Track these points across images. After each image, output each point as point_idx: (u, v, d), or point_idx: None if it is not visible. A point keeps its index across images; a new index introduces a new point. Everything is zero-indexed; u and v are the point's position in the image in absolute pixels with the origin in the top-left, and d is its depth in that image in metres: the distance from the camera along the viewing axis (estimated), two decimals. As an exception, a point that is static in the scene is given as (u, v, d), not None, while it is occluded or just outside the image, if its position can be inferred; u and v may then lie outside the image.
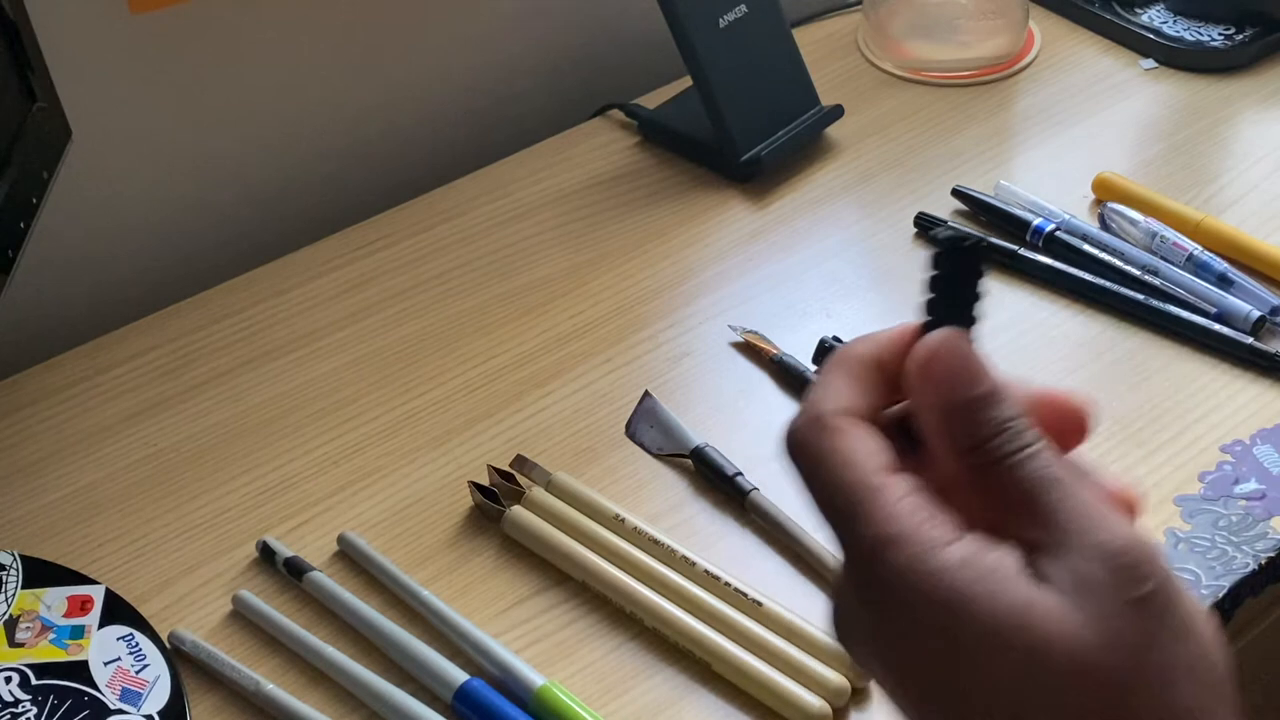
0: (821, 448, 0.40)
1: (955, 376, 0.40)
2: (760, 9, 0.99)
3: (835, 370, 0.42)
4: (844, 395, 0.41)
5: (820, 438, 0.40)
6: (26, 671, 0.68)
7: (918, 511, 0.39)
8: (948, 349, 0.41)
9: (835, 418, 0.41)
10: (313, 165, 1.00)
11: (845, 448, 0.40)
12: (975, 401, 0.40)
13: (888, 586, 0.38)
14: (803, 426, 0.41)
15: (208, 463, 0.80)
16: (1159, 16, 1.10)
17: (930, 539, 0.38)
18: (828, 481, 0.40)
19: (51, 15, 0.83)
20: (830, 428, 0.40)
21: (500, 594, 0.73)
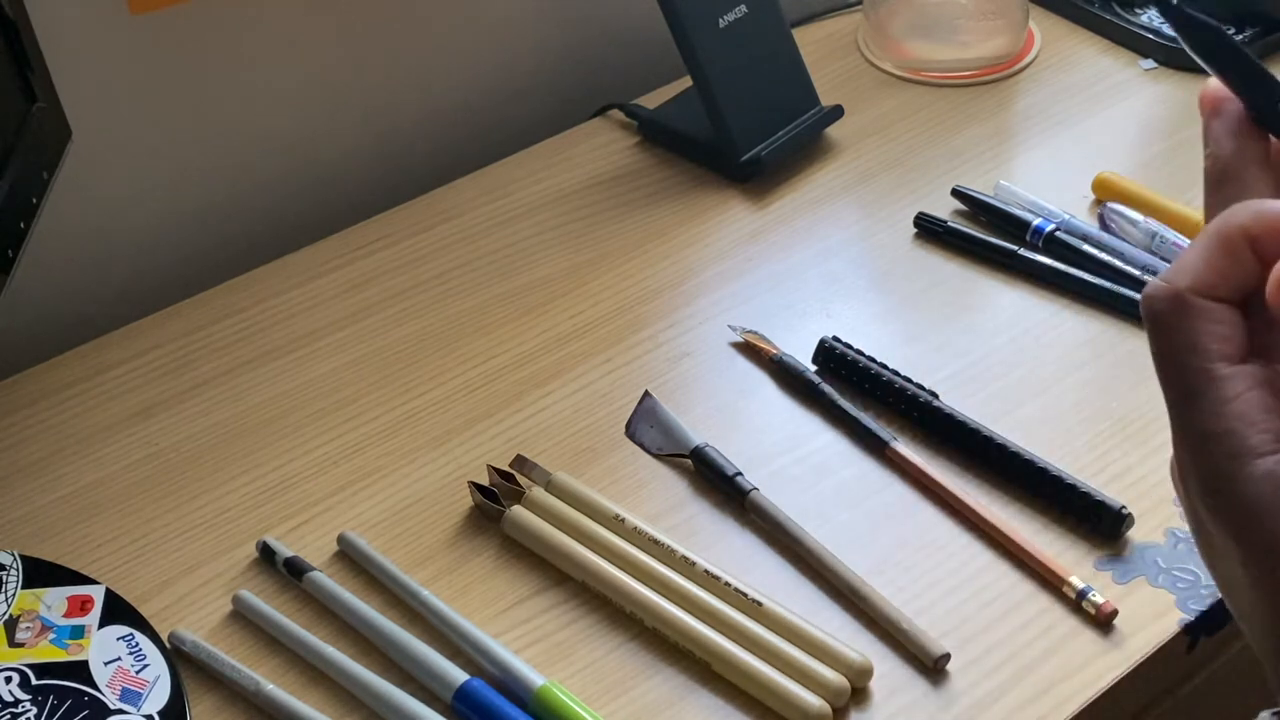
0: (1172, 325, 0.40)
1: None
2: (760, 9, 0.99)
3: (1206, 240, 0.41)
4: (1208, 270, 0.40)
5: (1173, 314, 0.40)
6: (26, 671, 0.68)
7: (1248, 413, 0.39)
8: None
9: (1191, 295, 0.40)
10: (313, 165, 1.00)
11: (1194, 329, 0.40)
12: None
13: (1203, 476, 0.40)
14: (1159, 298, 0.41)
15: (208, 463, 0.80)
16: (1159, 17, 1.10)
17: (1246, 446, 0.39)
18: (1173, 360, 0.41)
19: (51, 15, 0.83)
20: (1184, 305, 0.40)
21: (500, 594, 0.73)
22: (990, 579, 0.73)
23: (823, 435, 0.80)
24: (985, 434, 0.78)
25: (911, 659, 0.69)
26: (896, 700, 0.68)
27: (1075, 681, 0.68)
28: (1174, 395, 0.41)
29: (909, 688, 0.68)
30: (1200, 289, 0.40)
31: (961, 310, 0.88)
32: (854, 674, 0.67)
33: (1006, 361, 0.84)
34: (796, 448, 0.80)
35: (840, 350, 0.83)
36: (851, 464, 0.79)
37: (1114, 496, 0.74)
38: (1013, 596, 0.72)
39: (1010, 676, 0.68)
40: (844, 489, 0.77)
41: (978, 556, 0.74)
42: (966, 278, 0.90)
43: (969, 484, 0.77)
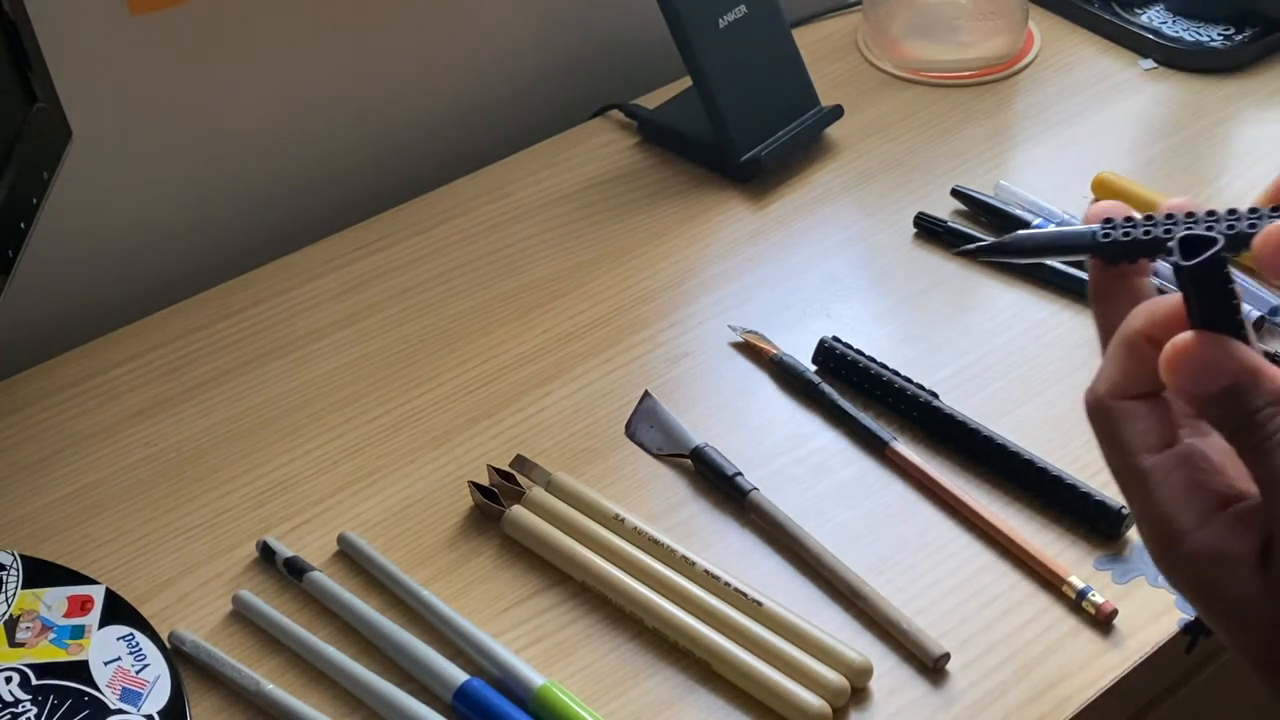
0: (1099, 427, 0.46)
1: (1196, 374, 0.43)
2: (760, 9, 0.99)
3: (1113, 349, 0.46)
4: (1119, 374, 0.45)
5: (1098, 419, 0.46)
6: (27, 671, 0.68)
7: (1172, 499, 0.44)
8: (1188, 350, 0.43)
9: (1109, 400, 0.45)
10: (313, 165, 1.00)
11: (1116, 430, 0.45)
12: (1217, 396, 0.43)
13: (1153, 555, 0.45)
14: (1088, 408, 0.46)
15: (208, 463, 0.80)
16: (1159, 17, 1.10)
17: (1174, 530, 0.44)
18: (1109, 458, 0.46)
19: (51, 15, 0.83)
20: (1105, 410, 0.45)
21: (500, 594, 0.73)
22: (990, 579, 0.73)
23: (823, 435, 0.80)
24: (985, 434, 0.78)
25: (911, 659, 0.69)
26: (896, 700, 0.68)
27: (1075, 681, 0.68)
28: (1120, 488, 0.46)
29: (909, 688, 0.68)
30: (1116, 393, 0.45)
31: (961, 310, 0.88)
32: (854, 674, 0.67)
33: (1006, 361, 0.84)
34: (796, 448, 0.80)
35: (840, 350, 0.83)
36: (851, 464, 0.79)
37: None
38: (1013, 596, 0.72)
39: (1010, 676, 0.68)
40: (844, 489, 0.77)
41: (978, 556, 0.74)
42: (966, 278, 0.90)
43: (969, 484, 0.77)
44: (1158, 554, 0.45)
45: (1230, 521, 0.43)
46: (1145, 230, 0.46)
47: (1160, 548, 0.45)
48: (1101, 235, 0.47)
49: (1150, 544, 0.45)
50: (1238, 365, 0.42)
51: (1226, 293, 0.42)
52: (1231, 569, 0.43)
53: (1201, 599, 0.44)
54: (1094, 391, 0.46)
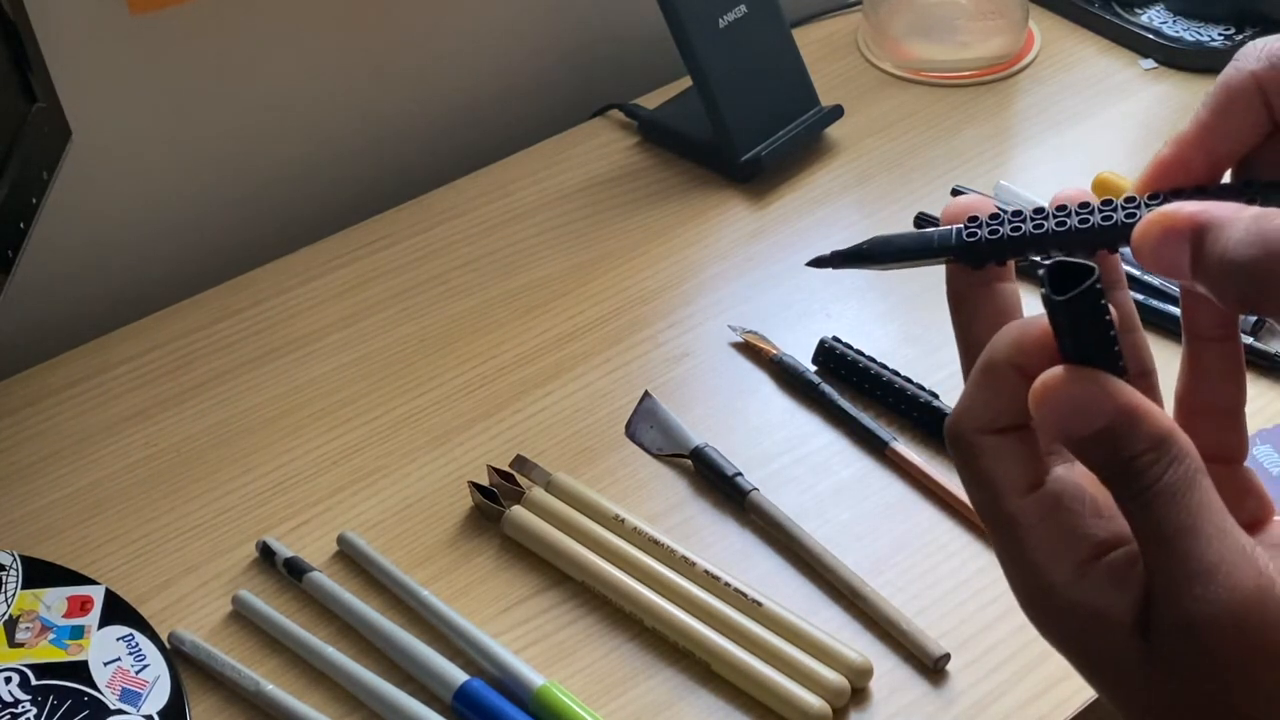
0: (960, 466, 0.41)
1: (1068, 415, 0.38)
2: (760, 9, 0.99)
3: (976, 378, 0.42)
4: (984, 407, 0.41)
5: (960, 454, 0.41)
6: (26, 672, 0.68)
7: (1042, 548, 0.40)
8: (1060, 387, 0.39)
9: (972, 435, 0.41)
10: (313, 165, 1.00)
11: (980, 469, 0.41)
12: (1089, 440, 0.38)
13: (1023, 606, 0.41)
14: (949, 439, 0.42)
15: (208, 463, 0.80)
16: (1159, 16, 1.10)
17: (1044, 583, 0.40)
18: (972, 496, 0.41)
19: (51, 15, 0.83)
20: (967, 445, 0.41)
21: (500, 594, 0.73)
22: (990, 579, 0.73)
23: (823, 435, 0.80)
24: (985, 434, 0.78)
25: (911, 659, 0.69)
26: (896, 700, 0.68)
27: (1075, 681, 0.68)
28: (984, 527, 0.42)
29: (909, 688, 0.68)
30: (982, 426, 0.41)
31: (961, 310, 0.88)
32: (854, 674, 0.67)
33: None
34: (796, 448, 0.80)
35: (840, 350, 0.83)
36: (851, 464, 0.79)
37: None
38: (1012, 596, 0.72)
39: (1010, 676, 0.68)
40: (844, 489, 0.77)
41: (978, 556, 0.74)
42: (966, 278, 0.90)
43: (969, 484, 0.77)
44: (1028, 606, 0.41)
45: (1105, 576, 0.39)
46: (1014, 227, 0.42)
47: (1030, 600, 0.41)
48: (966, 235, 0.44)
49: (1019, 595, 0.41)
50: (1114, 406, 0.38)
51: (1103, 324, 0.38)
52: (1107, 629, 0.39)
53: (1077, 656, 0.40)
54: (955, 423, 0.41)
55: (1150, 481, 0.37)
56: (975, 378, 0.41)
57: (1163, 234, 0.38)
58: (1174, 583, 0.37)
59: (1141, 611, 0.38)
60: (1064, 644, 0.40)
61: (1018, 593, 0.41)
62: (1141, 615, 0.38)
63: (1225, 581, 0.37)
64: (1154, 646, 0.38)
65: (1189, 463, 0.38)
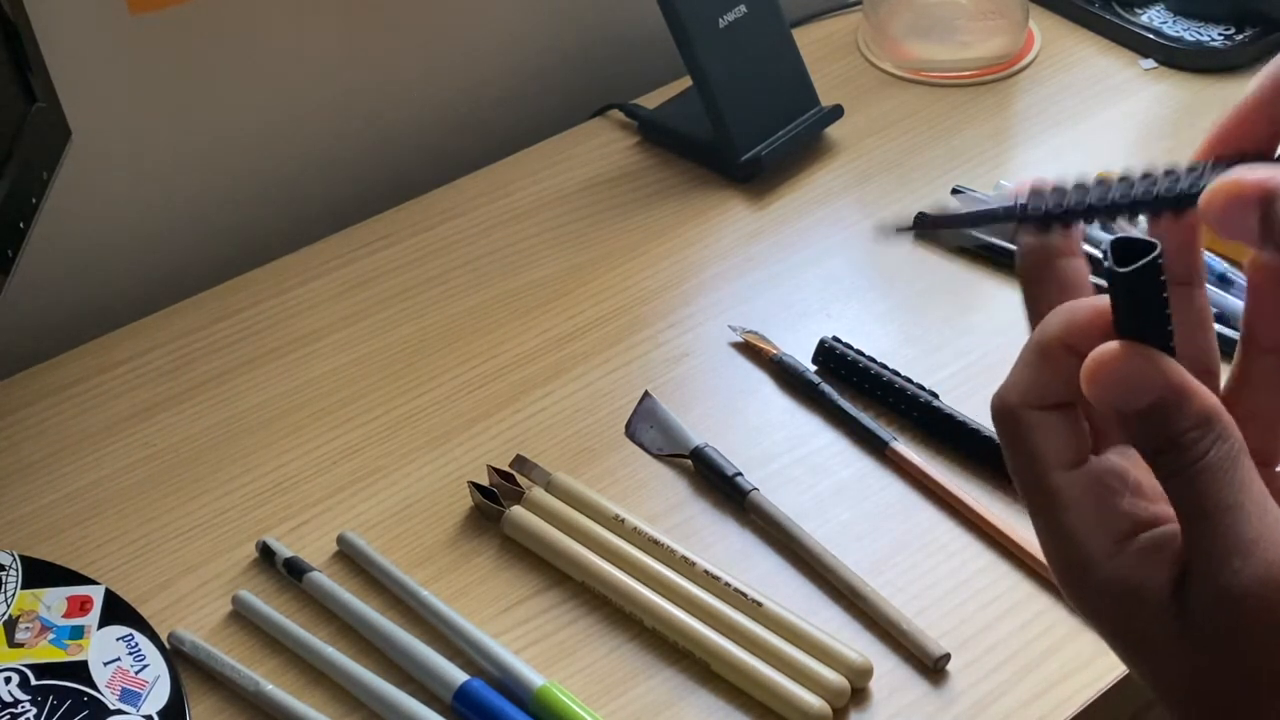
0: (1006, 440, 0.42)
1: (1120, 389, 0.39)
2: (760, 9, 0.99)
3: (1028, 354, 0.42)
4: (1033, 383, 0.42)
5: (1008, 430, 0.42)
6: (26, 672, 0.68)
7: (1082, 523, 0.40)
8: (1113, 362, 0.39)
9: (1022, 410, 0.42)
10: (313, 165, 1.00)
11: (1026, 443, 0.41)
12: (1140, 416, 0.39)
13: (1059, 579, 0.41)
14: (995, 413, 0.42)
15: (208, 463, 0.80)
16: (1159, 16, 1.10)
17: (1084, 555, 0.40)
18: (1017, 472, 0.42)
19: (51, 15, 0.83)
20: (1016, 420, 0.42)
21: (500, 594, 0.73)
22: (990, 579, 0.73)
23: (823, 435, 0.80)
24: (985, 434, 0.78)
25: (911, 659, 0.69)
26: (896, 700, 0.68)
27: (1075, 681, 0.68)
28: (1025, 504, 0.42)
29: (909, 688, 0.68)
30: (1031, 401, 0.42)
31: (961, 310, 0.88)
32: (854, 674, 0.67)
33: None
34: (796, 448, 0.80)
35: (840, 350, 0.83)
36: (851, 464, 0.79)
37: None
38: (1013, 596, 0.72)
39: (1010, 676, 0.68)
40: (844, 489, 0.77)
41: (978, 556, 0.74)
42: (966, 278, 0.90)
43: (969, 484, 0.77)
44: (1065, 580, 0.41)
45: (1143, 551, 0.40)
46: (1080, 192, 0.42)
47: (1068, 575, 0.41)
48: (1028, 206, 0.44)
49: (1056, 569, 0.42)
50: (1165, 382, 0.39)
51: (1160, 302, 0.39)
52: (1143, 604, 0.39)
53: (1112, 632, 0.41)
54: (1003, 398, 0.42)
55: (1196, 457, 0.38)
56: (1027, 355, 0.42)
57: (1231, 199, 0.39)
58: (1214, 557, 0.38)
59: (1178, 588, 0.39)
60: (1099, 620, 0.41)
61: (1055, 566, 0.42)
62: (1178, 592, 0.39)
63: (1265, 555, 0.38)
64: (1191, 621, 0.38)
65: (1233, 441, 0.39)
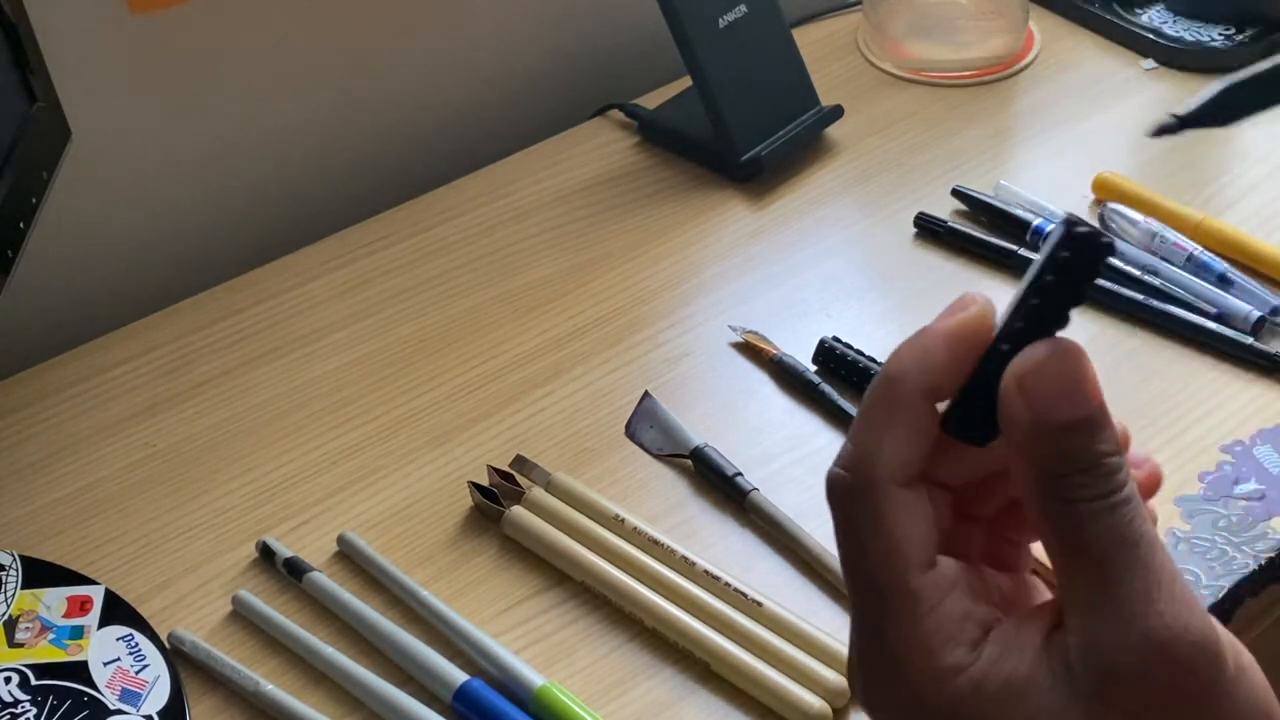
0: (862, 523, 0.37)
1: (1056, 395, 0.35)
2: (760, 9, 0.99)
3: (894, 413, 0.36)
4: (896, 448, 0.36)
5: (863, 511, 0.37)
6: (26, 672, 0.68)
7: (942, 628, 0.36)
8: (1054, 362, 0.35)
9: (886, 486, 0.36)
10: (313, 165, 1.00)
11: (889, 530, 0.36)
12: (1071, 427, 0.35)
13: (899, 699, 0.36)
14: (846, 492, 0.37)
15: (208, 463, 0.80)
16: (1159, 17, 1.10)
17: (947, 665, 0.35)
18: (862, 566, 0.37)
19: (51, 15, 0.83)
20: (877, 499, 0.36)
21: (500, 594, 0.73)
22: (990, 579, 0.73)
23: (823, 435, 0.80)
24: (985, 434, 0.78)
25: (911, 659, 0.69)
26: (896, 700, 0.68)
27: (1075, 682, 0.68)
28: (864, 594, 0.37)
29: (909, 688, 0.68)
30: (896, 475, 0.36)
31: (961, 310, 0.88)
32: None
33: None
34: (796, 448, 0.80)
35: (840, 350, 0.83)
36: (851, 464, 0.79)
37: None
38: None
39: (1010, 677, 0.68)
40: (844, 489, 0.77)
41: (978, 556, 0.74)
42: (966, 278, 0.90)
43: (969, 484, 0.77)
44: (908, 696, 0.35)
45: (1003, 645, 0.35)
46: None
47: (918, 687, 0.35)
48: None
49: (890, 681, 0.36)
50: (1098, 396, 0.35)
51: (1083, 294, 0.35)
52: (1028, 691, 0.35)
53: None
54: (860, 472, 0.36)
55: (1121, 484, 0.35)
56: (879, 416, 0.36)
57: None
58: (1132, 599, 0.34)
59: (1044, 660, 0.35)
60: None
61: (890, 678, 0.36)
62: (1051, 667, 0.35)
63: (1185, 593, 0.34)
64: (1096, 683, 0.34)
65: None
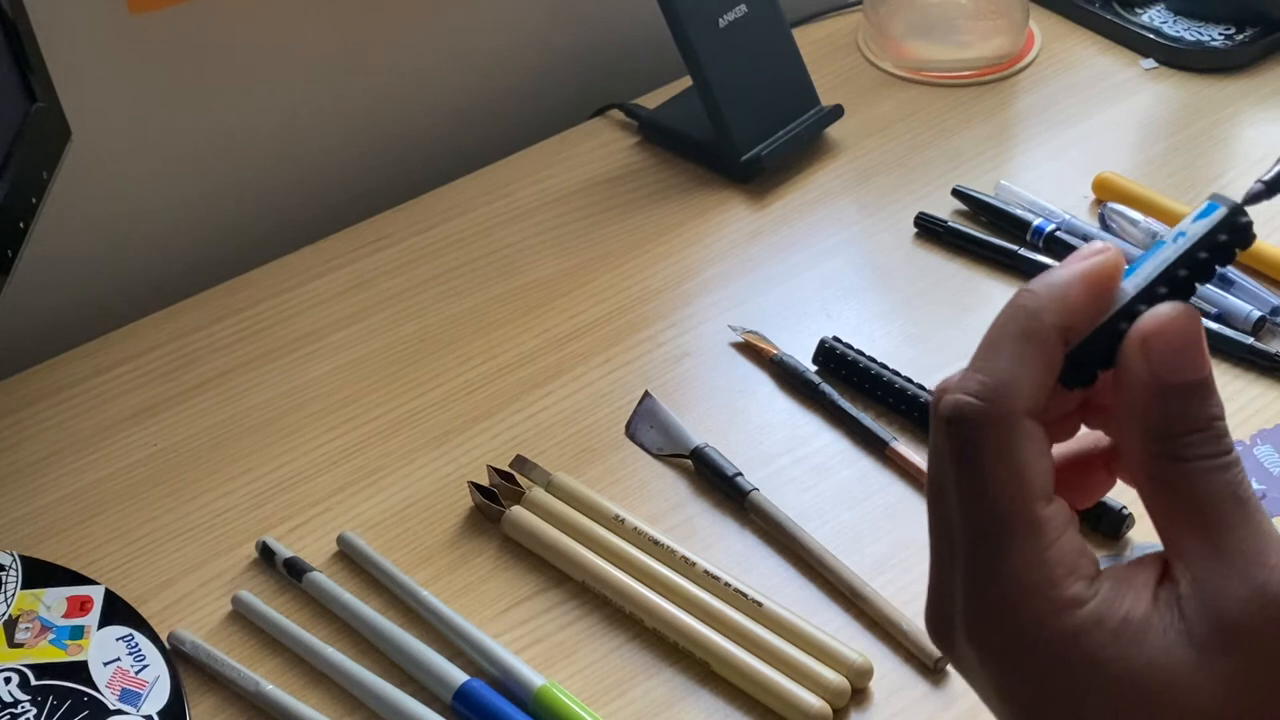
0: (999, 448, 0.36)
1: (1178, 357, 0.36)
2: (760, 9, 0.99)
3: (1032, 346, 0.37)
4: (1031, 383, 0.36)
5: (1002, 436, 0.36)
6: (26, 672, 0.68)
7: (1064, 560, 0.36)
8: (1179, 325, 0.36)
9: (1023, 419, 0.36)
10: (313, 165, 1.00)
11: (1021, 463, 0.36)
12: (1189, 389, 0.36)
13: (1014, 630, 0.36)
14: (986, 415, 0.36)
15: (208, 463, 0.80)
16: (1159, 16, 1.10)
17: (1069, 596, 0.36)
18: (988, 489, 0.36)
19: (51, 15, 0.83)
20: (1008, 429, 0.36)
21: (500, 594, 0.73)
22: (990, 579, 0.72)
23: (823, 435, 0.80)
24: (985, 434, 0.78)
25: (911, 659, 0.69)
26: (896, 700, 0.68)
27: (1075, 682, 0.68)
28: (978, 536, 0.37)
29: (909, 688, 0.68)
30: (1029, 406, 0.36)
31: (962, 310, 0.88)
32: (854, 674, 0.67)
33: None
34: (796, 448, 0.80)
35: (840, 350, 0.83)
36: (851, 464, 0.79)
37: (1114, 496, 0.74)
38: (1013, 597, 0.72)
39: (1010, 677, 0.68)
40: (844, 489, 0.77)
41: (978, 557, 0.74)
42: (966, 278, 0.90)
43: (969, 484, 0.77)
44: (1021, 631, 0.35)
45: (1117, 581, 0.36)
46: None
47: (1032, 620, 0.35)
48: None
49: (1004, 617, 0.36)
50: (1209, 359, 0.36)
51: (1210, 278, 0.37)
52: (1144, 632, 0.35)
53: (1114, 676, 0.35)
54: (999, 401, 0.36)
55: (1229, 448, 0.36)
56: (1017, 348, 0.37)
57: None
58: (1245, 553, 0.35)
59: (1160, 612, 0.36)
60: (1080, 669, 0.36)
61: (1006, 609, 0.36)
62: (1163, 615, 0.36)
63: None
64: (1208, 628, 0.35)
65: None
